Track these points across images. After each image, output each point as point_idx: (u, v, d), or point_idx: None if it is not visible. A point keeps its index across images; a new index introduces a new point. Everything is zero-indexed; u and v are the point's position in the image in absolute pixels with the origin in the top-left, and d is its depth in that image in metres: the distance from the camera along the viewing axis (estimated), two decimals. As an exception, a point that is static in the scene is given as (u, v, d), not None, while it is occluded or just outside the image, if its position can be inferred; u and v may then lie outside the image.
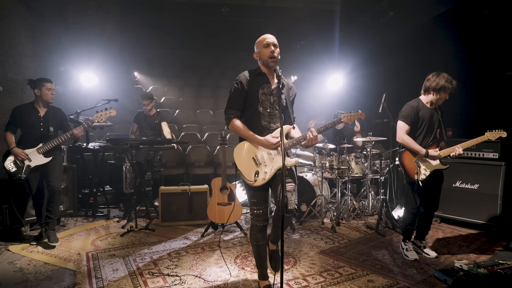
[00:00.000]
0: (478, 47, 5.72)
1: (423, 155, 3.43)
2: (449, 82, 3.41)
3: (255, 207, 2.74)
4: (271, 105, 2.73)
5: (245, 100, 2.73)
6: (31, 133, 3.91)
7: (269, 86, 2.75)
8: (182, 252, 3.74)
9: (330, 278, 3.15)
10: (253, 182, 2.67)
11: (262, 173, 2.68)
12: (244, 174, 2.69)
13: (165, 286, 2.97)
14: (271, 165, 2.68)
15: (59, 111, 4.17)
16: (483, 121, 5.29)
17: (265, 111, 2.71)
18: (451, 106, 6.25)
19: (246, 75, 2.76)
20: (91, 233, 4.36)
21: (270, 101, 2.73)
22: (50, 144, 3.86)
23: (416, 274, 3.27)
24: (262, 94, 2.71)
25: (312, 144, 2.72)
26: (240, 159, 2.72)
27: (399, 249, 3.80)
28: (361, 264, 3.47)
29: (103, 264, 3.39)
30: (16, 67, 6.87)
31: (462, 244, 4.08)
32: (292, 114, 2.85)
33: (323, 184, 5.18)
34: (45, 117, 3.98)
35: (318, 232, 4.47)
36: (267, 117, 2.72)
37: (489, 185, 4.44)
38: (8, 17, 6.66)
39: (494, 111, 5.20)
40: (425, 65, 6.67)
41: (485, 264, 3.29)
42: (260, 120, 2.71)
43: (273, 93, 2.74)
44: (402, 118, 3.54)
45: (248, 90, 2.72)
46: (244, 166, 2.70)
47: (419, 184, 3.42)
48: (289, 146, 2.70)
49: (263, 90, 2.72)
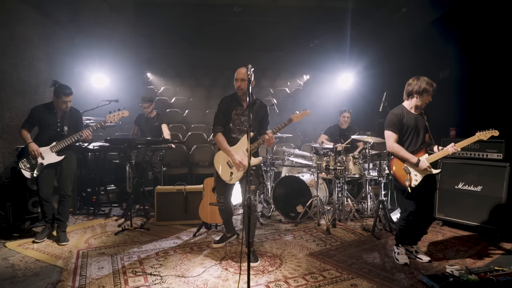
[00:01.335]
0: (490, 43, 5.48)
1: (415, 163, 3.31)
2: (430, 84, 3.33)
3: (217, 195, 3.69)
4: (241, 122, 3.53)
5: (225, 118, 3.55)
6: (47, 132, 4.04)
7: (242, 108, 3.54)
8: (170, 252, 3.76)
9: (313, 281, 3.09)
10: (229, 180, 3.50)
11: (235, 172, 3.48)
12: (222, 175, 3.55)
13: (145, 285, 3.00)
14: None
15: (77, 113, 4.26)
16: (488, 120, 5.07)
17: (235, 127, 3.54)
18: (455, 105, 6.07)
19: (226, 100, 3.60)
20: (87, 231, 4.45)
21: (241, 120, 3.53)
22: (63, 143, 3.99)
23: (403, 279, 3.16)
24: (234, 115, 3.53)
25: (270, 143, 3.39)
26: (218, 163, 3.58)
27: (391, 253, 3.68)
28: (348, 267, 3.38)
29: (91, 262, 3.46)
30: (30, 70, 7.10)
31: (460, 248, 3.91)
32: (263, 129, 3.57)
33: (322, 185, 5.10)
34: (62, 117, 4.10)
35: (312, 233, 4.39)
36: (236, 132, 3.54)
37: (493, 187, 4.24)
38: (22, 21, 6.89)
39: (501, 110, 4.97)
40: (438, 62, 6.47)
41: (478, 270, 3.15)
42: (231, 133, 3.55)
43: (244, 114, 3.52)
44: (388, 127, 3.45)
45: (226, 111, 3.55)
46: (222, 168, 3.56)
47: (408, 190, 3.29)
48: (252, 148, 3.41)
49: (236, 111, 3.54)
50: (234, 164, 3.44)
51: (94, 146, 5.05)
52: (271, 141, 3.36)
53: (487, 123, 5.12)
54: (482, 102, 5.27)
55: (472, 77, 5.73)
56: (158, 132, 5.49)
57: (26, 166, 3.97)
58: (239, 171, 3.44)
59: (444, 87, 6.33)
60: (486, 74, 5.41)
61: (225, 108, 3.54)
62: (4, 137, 6.01)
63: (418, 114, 3.48)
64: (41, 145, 3.99)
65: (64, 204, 4.12)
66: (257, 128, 3.54)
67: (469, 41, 5.86)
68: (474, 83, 5.60)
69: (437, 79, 6.53)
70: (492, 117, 4.98)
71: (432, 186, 3.47)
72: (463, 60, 5.78)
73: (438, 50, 6.57)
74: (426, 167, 3.28)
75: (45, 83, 7.59)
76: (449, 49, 6.25)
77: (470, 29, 5.85)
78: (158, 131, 5.49)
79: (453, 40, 6.16)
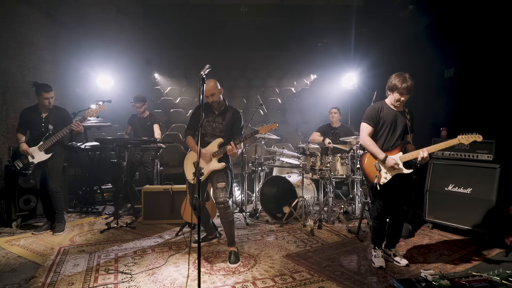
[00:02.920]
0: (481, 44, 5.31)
1: (382, 159, 3.22)
2: (401, 82, 3.18)
3: (190, 196, 3.81)
4: (212, 129, 3.68)
5: (197, 124, 3.66)
6: (34, 132, 4.31)
7: (213, 115, 3.71)
8: (148, 251, 3.80)
9: (281, 283, 3.05)
10: (192, 180, 3.54)
11: None
12: (186, 174, 3.77)
13: (113, 282, 3.04)
14: (205, 167, 3.59)
15: (62, 111, 4.49)
16: (480, 121, 4.92)
17: (206, 132, 3.70)
18: (446, 105, 5.90)
19: (199, 107, 3.49)
20: (75, 229, 4.55)
21: (212, 127, 3.68)
22: (50, 141, 4.21)
23: (375, 282, 3.09)
24: (206, 121, 3.69)
25: (233, 153, 3.50)
26: (186, 163, 3.79)
27: (370, 256, 3.60)
28: (321, 269, 3.32)
29: (69, 259, 3.53)
30: (35, 71, 7.32)
31: (444, 252, 3.78)
32: (236, 134, 3.68)
33: (310, 186, 5.04)
34: (47, 117, 4.33)
35: (296, 234, 4.34)
36: (208, 136, 3.69)
37: (483, 189, 4.08)
38: (27, 25, 7.11)
39: (492, 110, 4.81)
40: (443, 62, 6.29)
41: (454, 275, 3.04)
42: (204, 137, 3.70)
43: (215, 120, 3.68)
44: (364, 119, 3.38)
45: (198, 117, 3.62)
46: (187, 168, 3.76)
47: (377, 188, 3.21)
48: (217, 153, 3.58)
49: (207, 118, 3.70)
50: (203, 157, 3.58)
51: (86, 145, 5.16)
52: (233, 152, 3.48)
53: (478, 123, 4.99)
54: (473, 102, 5.11)
55: (464, 77, 5.57)
56: (151, 132, 5.55)
57: (19, 166, 4.20)
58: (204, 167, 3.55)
59: (447, 87, 6.19)
60: (478, 74, 5.25)
61: (198, 115, 3.69)
62: (9, 137, 6.24)
63: (399, 111, 3.38)
64: (31, 145, 4.22)
65: (54, 200, 4.35)
66: (229, 134, 3.67)
67: (460, 42, 5.71)
68: (466, 83, 5.44)
69: (442, 78, 6.43)
70: (483, 117, 4.83)
71: (406, 187, 3.35)
72: (467, 58, 5.60)
73: (442, 48, 6.40)
74: (393, 164, 3.17)
75: (51, 84, 7.80)
76: (454, 47, 6.07)
77: (460, 30, 5.71)
78: (150, 131, 5.56)
79: (459, 37, 5.98)
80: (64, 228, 4.43)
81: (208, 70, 2.89)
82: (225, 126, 3.64)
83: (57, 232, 4.33)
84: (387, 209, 3.34)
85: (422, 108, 6.19)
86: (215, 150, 3.57)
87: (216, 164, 3.57)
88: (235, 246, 3.57)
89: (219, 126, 3.66)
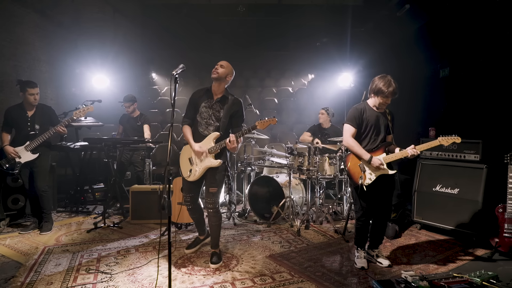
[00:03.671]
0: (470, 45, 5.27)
1: (367, 160, 3.21)
2: (386, 86, 3.16)
3: (184, 193, 3.57)
4: (208, 116, 3.38)
5: (194, 111, 3.44)
6: (20, 132, 4.29)
7: (211, 100, 3.40)
8: (131, 250, 3.80)
9: (260, 283, 3.04)
10: (187, 177, 3.45)
11: (193, 171, 3.42)
12: (182, 170, 3.53)
13: (92, 282, 3.04)
14: (200, 164, 3.39)
15: (48, 110, 4.48)
16: (469, 121, 4.89)
17: (202, 120, 3.39)
18: (435, 105, 5.85)
19: (198, 92, 3.52)
20: (62, 229, 4.56)
21: (209, 113, 3.38)
22: (36, 141, 4.19)
23: (355, 283, 3.07)
24: (203, 107, 3.39)
25: (233, 147, 3.24)
26: (182, 158, 3.56)
27: (353, 257, 3.58)
28: (303, 270, 3.30)
29: (51, 259, 3.53)
30: (30, 71, 7.36)
31: (429, 253, 3.75)
32: (236, 127, 3.43)
33: (298, 186, 5.02)
34: (32, 116, 4.31)
35: (282, 235, 4.33)
36: (203, 125, 3.39)
37: (469, 190, 4.05)
38: (22, 25, 7.14)
39: (479, 111, 4.78)
40: (439, 61, 6.25)
41: (435, 276, 3.02)
42: (198, 127, 3.42)
43: (212, 107, 3.38)
44: (347, 120, 3.37)
45: (195, 102, 3.44)
46: (183, 164, 3.54)
47: (363, 189, 3.19)
48: (214, 149, 3.32)
49: (205, 103, 3.40)
50: (194, 153, 3.35)
51: (75, 145, 5.16)
52: (232, 146, 3.21)
53: (467, 123, 4.96)
54: (463, 103, 5.07)
55: (457, 78, 5.54)
56: (141, 132, 5.56)
57: (5, 166, 4.19)
58: (199, 164, 3.35)
59: (439, 87, 6.15)
60: (469, 75, 5.21)
61: (196, 100, 3.44)
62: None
63: (381, 112, 3.37)
64: (17, 145, 4.21)
65: (42, 199, 4.35)
66: (227, 126, 3.37)
67: (454, 42, 5.67)
68: (459, 84, 5.40)
69: (435, 78, 6.38)
70: (471, 117, 4.79)
71: (389, 188, 3.34)
72: (462, 57, 5.56)
73: (436, 48, 6.36)
74: (378, 165, 3.16)
75: (46, 84, 7.87)
76: (450, 46, 6.03)
77: (454, 30, 5.67)
78: (140, 131, 5.56)
79: (454, 36, 5.94)
80: (51, 227, 4.44)
81: (182, 70, 2.87)
82: (223, 115, 3.33)
83: (44, 231, 4.34)
84: (370, 209, 3.32)
85: (413, 108, 6.17)
86: (211, 146, 3.30)
87: (213, 161, 3.31)
88: (218, 248, 3.55)
89: (216, 113, 3.35)
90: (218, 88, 3.39)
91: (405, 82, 6.78)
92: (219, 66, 3.38)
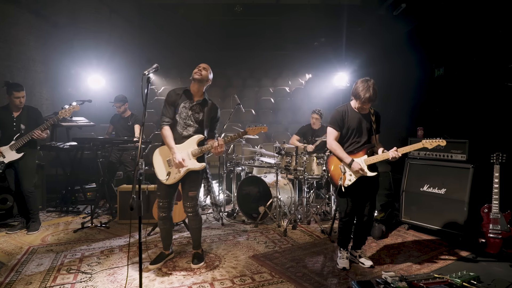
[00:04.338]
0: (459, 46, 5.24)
1: (348, 163, 3.19)
2: (364, 92, 3.12)
3: (159, 199, 3.37)
4: (187, 116, 3.29)
5: (173, 110, 3.32)
6: (6, 132, 4.31)
7: (191, 102, 3.32)
8: (115, 250, 3.80)
9: (239, 283, 3.03)
10: (165, 181, 3.28)
11: (173, 173, 3.26)
12: (158, 173, 3.33)
13: (71, 282, 3.04)
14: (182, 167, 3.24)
15: (34, 111, 4.49)
16: (457, 122, 4.85)
17: (181, 120, 3.29)
18: (427, 105, 5.80)
19: (175, 91, 3.39)
20: (50, 228, 4.57)
21: (188, 114, 3.30)
22: (21, 141, 4.20)
23: (335, 284, 3.05)
24: (182, 107, 3.30)
25: (219, 152, 3.23)
26: (157, 159, 3.37)
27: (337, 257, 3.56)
28: (284, 271, 3.29)
29: (34, 259, 3.54)
30: (25, 71, 7.38)
31: (414, 253, 3.72)
32: (212, 131, 3.42)
33: (287, 186, 5.00)
34: (18, 117, 4.33)
35: (268, 235, 4.31)
36: (182, 125, 3.29)
37: (456, 190, 4.02)
38: (17, 26, 7.17)
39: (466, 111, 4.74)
40: (434, 61, 6.21)
41: (415, 277, 3.00)
42: (176, 127, 3.30)
43: (192, 108, 3.30)
44: (330, 124, 3.37)
45: (174, 101, 3.32)
46: (160, 166, 3.34)
47: (341, 189, 3.17)
48: (198, 152, 3.25)
49: (184, 104, 3.31)
50: (174, 164, 3.19)
51: (64, 145, 5.17)
52: (219, 150, 3.20)
53: (455, 123, 4.92)
54: (452, 102, 5.03)
55: (446, 77, 5.50)
56: (132, 132, 5.55)
57: None
58: (178, 173, 3.22)
59: (432, 87, 6.11)
60: (459, 75, 5.17)
61: (174, 99, 3.32)
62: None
63: (364, 114, 3.34)
64: (2, 145, 4.22)
65: (28, 200, 4.35)
66: (205, 129, 3.35)
67: (447, 42, 5.63)
68: (447, 83, 5.36)
69: (432, 77, 6.34)
70: (459, 117, 4.76)
71: (372, 189, 3.32)
72: (456, 57, 5.52)
73: (435, 46, 6.32)
74: (358, 169, 3.15)
75: (41, 84, 7.90)
76: (444, 45, 5.99)
77: (447, 31, 5.64)
78: (131, 131, 5.56)
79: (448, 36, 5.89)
80: (39, 227, 4.45)
81: (155, 70, 2.85)
82: (205, 118, 3.30)
83: (31, 231, 4.34)
84: (353, 210, 3.29)
85: (406, 107, 6.13)
86: (194, 149, 3.23)
87: (196, 164, 3.23)
88: (200, 249, 3.54)
89: (196, 115, 3.28)
90: (198, 89, 3.32)
91: (398, 81, 6.78)
92: (202, 68, 3.31)
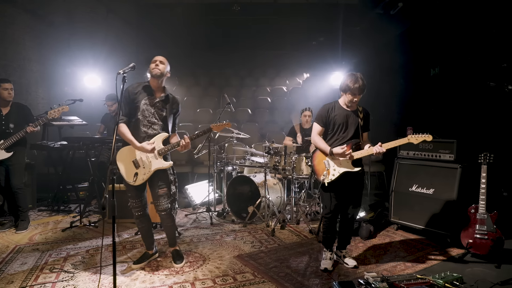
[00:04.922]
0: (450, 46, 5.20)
1: (328, 152, 3.18)
2: (353, 82, 3.11)
3: (131, 200, 3.31)
4: (151, 114, 3.17)
5: (130, 108, 3.18)
6: None
7: (153, 98, 3.21)
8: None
9: (221, 283, 3.02)
10: (133, 182, 3.19)
11: (141, 174, 3.20)
12: (125, 175, 3.22)
13: (53, 281, 3.04)
14: (148, 167, 3.19)
15: (24, 108, 4.50)
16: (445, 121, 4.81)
17: (144, 119, 3.17)
18: (421, 104, 5.77)
19: (134, 87, 3.23)
20: (39, 227, 4.57)
21: (151, 111, 3.17)
22: (10, 140, 4.20)
23: (316, 284, 3.03)
24: (144, 104, 3.16)
25: (185, 149, 3.20)
26: (122, 161, 3.23)
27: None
28: (267, 271, 3.27)
29: (19, 258, 3.54)
30: (21, 71, 7.41)
31: (400, 254, 3.69)
32: (175, 126, 3.38)
33: (276, 185, 4.99)
34: (7, 115, 4.32)
35: (256, 235, 4.29)
36: (146, 124, 3.18)
37: (444, 190, 3.98)
38: (13, 25, 7.18)
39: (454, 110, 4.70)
40: (430, 60, 6.17)
41: (397, 278, 2.97)
42: (140, 126, 3.17)
43: (155, 105, 3.19)
44: (315, 119, 3.38)
45: (133, 98, 3.18)
46: (125, 168, 3.22)
47: (324, 185, 3.16)
48: (165, 150, 3.19)
49: (145, 100, 3.17)
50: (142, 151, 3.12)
51: (55, 144, 5.18)
52: (186, 147, 3.16)
53: (444, 122, 4.88)
54: (444, 101, 4.99)
55: (441, 76, 5.46)
56: (123, 131, 5.55)
57: None
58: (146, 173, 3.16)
59: (426, 86, 6.07)
60: (453, 74, 5.13)
61: (133, 96, 3.17)
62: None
63: (352, 110, 3.31)
64: None
65: (17, 197, 4.38)
66: (167, 126, 3.27)
67: (442, 42, 5.59)
68: (442, 82, 5.32)
69: (427, 77, 6.29)
70: (448, 117, 4.72)
71: (356, 186, 3.29)
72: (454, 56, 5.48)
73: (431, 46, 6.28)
74: (341, 152, 3.09)
75: (37, 83, 7.92)
76: (440, 44, 5.94)
77: (442, 31, 5.60)
78: (123, 130, 5.55)
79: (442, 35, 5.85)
80: (27, 226, 4.45)
81: (131, 69, 2.84)
82: (168, 115, 3.22)
83: (19, 230, 4.35)
84: (336, 207, 3.26)
85: (395, 107, 6.10)
86: (160, 148, 3.15)
87: (164, 162, 3.18)
88: (177, 245, 3.53)
89: (159, 112, 3.18)
90: (159, 84, 3.22)
91: (390, 80, 6.74)
92: (159, 62, 3.18)
